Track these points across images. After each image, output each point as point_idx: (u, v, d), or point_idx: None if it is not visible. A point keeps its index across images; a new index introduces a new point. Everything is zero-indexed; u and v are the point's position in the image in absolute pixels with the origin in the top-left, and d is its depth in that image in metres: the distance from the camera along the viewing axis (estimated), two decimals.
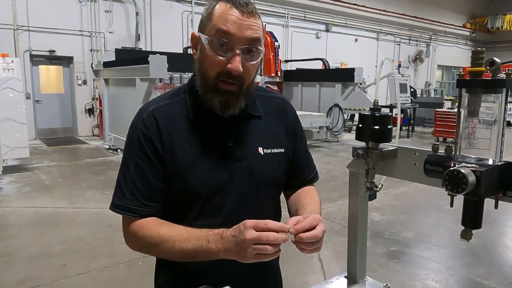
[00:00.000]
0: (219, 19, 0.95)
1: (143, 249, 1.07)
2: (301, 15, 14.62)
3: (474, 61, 0.75)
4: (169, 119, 1.05)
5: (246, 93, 1.03)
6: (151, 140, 1.03)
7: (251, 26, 0.95)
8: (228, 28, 0.93)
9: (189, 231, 0.98)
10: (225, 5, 0.96)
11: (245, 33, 0.94)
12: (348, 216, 1.16)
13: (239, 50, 0.95)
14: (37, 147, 9.27)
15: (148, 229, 1.02)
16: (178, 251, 0.97)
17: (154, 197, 1.04)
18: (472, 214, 0.79)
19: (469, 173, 0.72)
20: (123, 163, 1.08)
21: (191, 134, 1.05)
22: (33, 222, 4.42)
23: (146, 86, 7.03)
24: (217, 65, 0.97)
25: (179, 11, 12.03)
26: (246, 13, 0.95)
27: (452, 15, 21.01)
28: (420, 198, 5.46)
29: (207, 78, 1.00)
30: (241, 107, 1.03)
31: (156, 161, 1.03)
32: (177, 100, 1.09)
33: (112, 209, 1.07)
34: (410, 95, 12.38)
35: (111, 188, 1.09)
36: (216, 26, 0.95)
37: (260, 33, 0.98)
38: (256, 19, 0.97)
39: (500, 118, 0.77)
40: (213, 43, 0.95)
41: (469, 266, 3.49)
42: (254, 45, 0.97)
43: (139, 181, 1.03)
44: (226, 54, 0.95)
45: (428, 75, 20.75)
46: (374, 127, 0.97)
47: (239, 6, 0.95)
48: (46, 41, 9.95)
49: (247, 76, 1.00)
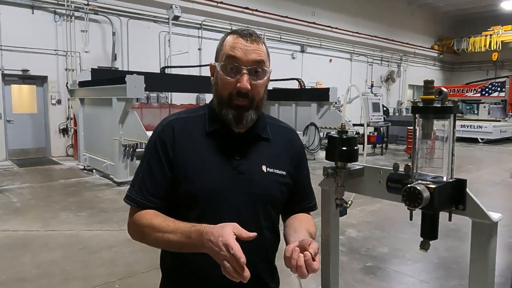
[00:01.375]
0: (228, 47, 1.14)
1: (139, 237, 1.18)
2: (277, 36, 14.98)
3: (425, 90, 0.85)
4: (185, 130, 1.21)
5: (256, 107, 1.18)
6: (165, 144, 1.18)
7: (255, 50, 1.13)
8: (235, 54, 1.12)
9: (176, 223, 1.09)
10: (233, 36, 1.15)
11: (249, 57, 1.12)
12: (320, 232, 1.23)
13: (246, 71, 1.12)
14: (8, 168, 8.99)
15: (145, 219, 1.15)
16: (166, 241, 1.09)
17: (157, 194, 1.18)
18: (429, 226, 0.88)
19: (424, 189, 0.81)
20: (141, 161, 1.25)
21: (203, 145, 1.20)
22: (5, 246, 4.27)
23: (123, 106, 7.00)
24: (229, 86, 1.14)
25: (156, 31, 12.11)
26: (250, 40, 1.14)
27: (421, 37, 22.00)
28: (394, 214, 5.60)
29: (222, 97, 1.17)
30: (252, 119, 1.18)
31: (165, 163, 1.18)
32: (196, 115, 1.25)
33: (124, 199, 1.23)
34: (383, 113, 12.76)
35: (86, 209, 1.16)
36: (226, 53, 1.14)
37: (264, 56, 1.16)
38: (260, 45, 1.15)
39: (450, 139, 0.86)
40: (225, 67, 1.14)
41: (441, 279, 3.61)
42: (259, 66, 1.14)
43: (147, 178, 1.19)
44: (236, 75, 1.13)
45: (400, 94, 21.48)
46: (341, 148, 1.05)
47: (244, 36, 1.14)
48: (19, 60, 9.78)
49: (256, 93, 1.15)
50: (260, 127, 1.24)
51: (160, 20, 12.10)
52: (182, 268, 1.21)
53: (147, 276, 3.49)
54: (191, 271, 1.19)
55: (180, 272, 1.22)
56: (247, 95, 1.13)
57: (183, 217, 1.14)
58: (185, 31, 12.73)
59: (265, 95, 1.20)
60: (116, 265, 3.76)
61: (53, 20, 10.34)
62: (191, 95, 12.26)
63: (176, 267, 1.23)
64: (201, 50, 13.05)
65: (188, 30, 12.84)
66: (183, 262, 1.19)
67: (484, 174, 9.05)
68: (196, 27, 13.00)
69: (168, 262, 1.27)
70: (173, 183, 1.17)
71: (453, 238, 4.37)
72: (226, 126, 1.19)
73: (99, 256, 3.97)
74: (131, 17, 11.62)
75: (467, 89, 18.00)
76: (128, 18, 11.56)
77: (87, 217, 5.24)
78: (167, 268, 1.28)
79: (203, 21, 12.98)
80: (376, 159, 11.09)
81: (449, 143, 0.86)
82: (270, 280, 1.28)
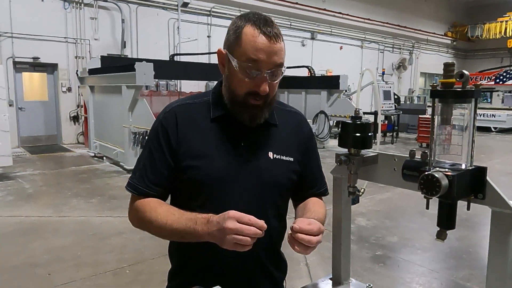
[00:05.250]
0: (249, 47, 1.04)
1: (141, 224, 1.16)
2: (287, 23, 14.78)
3: (445, 73, 0.81)
4: (188, 116, 1.17)
5: (269, 104, 1.15)
6: (167, 132, 1.15)
7: (277, 52, 1.05)
8: (258, 58, 1.04)
9: (181, 212, 1.08)
10: (253, 31, 1.04)
11: (271, 59, 1.05)
12: (332, 220, 1.20)
13: (266, 74, 1.06)
14: (20, 155, 9.11)
15: (148, 206, 1.13)
16: (170, 230, 1.07)
17: (158, 181, 1.16)
18: (446, 215, 0.84)
19: (442, 177, 0.77)
20: (143, 148, 1.23)
21: (208, 132, 1.16)
22: (17, 231, 4.34)
23: (132, 94, 7.01)
24: (246, 86, 1.08)
25: (166, 18, 12.04)
26: (273, 38, 1.04)
27: (433, 24, 21.53)
28: (404, 203, 5.56)
29: (236, 95, 1.11)
30: (265, 117, 1.15)
31: (167, 151, 1.15)
32: (200, 102, 1.21)
33: (125, 187, 1.22)
34: (394, 102, 12.60)
35: (96, 196, 1.15)
36: (246, 54, 1.04)
37: (284, 56, 1.09)
38: (280, 42, 1.07)
39: (470, 125, 0.82)
40: (243, 68, 1.06)
41: (451, 269, 3.58)
42: (278, 69, 1.08)
43: (148, 165, 1.16)
44: (255, 76, 1.06)
45: (411, 82, 21.16)
46: (355, 135, 1.02)
47: (267, 35, 1.04)
48: (30, 48, 9.84)
49: (271, 92, 1.11)
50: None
51: (169, 7, 12.02)
52: (190, 256, 1.20)
53: (156, 262, 3.52)
54: (199, 259, 1.18)
55: (188, 260, 1.21)
56: (264, 96, 1.10)
57: (187, 205, 1.13)
58: (194, 18, 12.64)
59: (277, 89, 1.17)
60: (126, 251, 3.79)
61: (63, 7, 10.34)
62: (200, 82, 12.22)
63: (184, 255, 1.22)
64: (210, 38, 12.96)
65: (197, 17, 12.74)
66: (191, 250, 1.18)
67: (496, 163, 8.91)
68: (205, 14, 12.89)
69: (177, 251, 1.26)
70: (175, 171, 1.15)
71: (464, 227, 4.32)
72: (231, 115, 1.16)
73: (109, 243, 4.01)
74: (140, 4, 11.57)
75: (481, 76, 17.63)
76: (137, 5, 11.51)
77: (98, 203, 5.29)
78: (175, 255, 1.27)
79: (212, 8, 12.87)
80: (386, 148, 10.99)
81: (469, 129, 0.82)
82: (275, 269, 1.27)
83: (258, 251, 1.14)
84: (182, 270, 1.24)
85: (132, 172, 1.21)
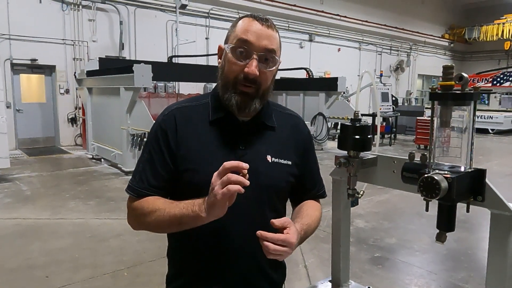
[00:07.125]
0: (241, 30, 1.10)
1: (140, 219, 1.15)
2: (284, 25, 14.81)
3: (445, 75, 0.81)
4: (187, 119, 1.18)
5: (262, 96, 1.14)
6: (166, 134, 1.15)
7: (268, 37, 1.09)
8: (248, 37, 1.07)
9: (179, 201, 1.08)
10: (248, 19, 1.12)
11: (262, 42, 1.08)
12: (331, 222, 1.20)
13: (256, 56, 1.07)
14: (17, 157, 9.07)
15: (145, 201, 1.14)
16: (168, 218, 1.07)
17: (158, 184, 1.16)
18: (446, 218, 0.84)
19: (442, 179, 0.77)
20: (142, 151, 1.23)
21: (206, 134, 1.16)
22: (15, 233, 4.32)
23: (130, 95, 7.00)
24: (237, 69, 1.09)
25: (164, 20, 12.04)
26: (265, 25, 1.10)
27: (431, 26, 21.62)
28: (402, 205, 5.56)
29: (228, 80, 1.12)
30: (256, 108, 1.14)
31: (166, 153, 1.15)
32: (199, 104, 1.22)
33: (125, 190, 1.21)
34: (392, 103, 12.62)
35: (95, 198, 1.15)
36: (238, 35, 1.09)
37: (276, 45, 1.11)
38: (274, 32, 1.12)
39: (469, 128, 0.83)
40: (234, 50, 1.09)
41: (450, 270, 3.58)
42: (269, 55, 1.09)
43: (148, 168, 1.17)
44: (245, 60, 1.08)
45: (409, 84, 21.22)
46: (354, 137, 1.02)
47: (260, 20, 1.10)
48: (27, 49, 9.81)
49: (263, 81, 1.11)
50: (265, 115, 1.20)
51: (167, 9, 12.02)
52: (188, 259, 1.20)
53: (154, 264, 3.51)
54: (197, 262, 1.18)
55: (187, 263, 1.21)
56: (254, 81, 1.09)
57: None
58: (192, 20, 12.64)
59: (272, 85, 1.16)
60: (124, 254, 3.78)
61: (61, 9, 10.32)
62: (198, 84, 12.21)
63: (182, 258, 1.22)
64: (208, 39, 12.97)
65: (195, 19, 12.75)
66: (190, 254, 1.18)
67: (494, 165, 8.93)
68: (204, 16, 12.90)
69: (175, 254, 1.26)
70: (175, 173, 1.15)
71: (462, 229, 4.32)
72: (230, 115, 1.15)
73: (108, 245, 4.00)
74: (138, 6, 11.56)
75: (478, 78, 17.70)
76: (135, 7, 11.51)
77: (96, 205, 5.27)
78: (174, 258, 1.26)
79: (210, 10, 12.88)
80: (384, 150, 11.00)
81: (468, 132, 0.82)
82: (273, 272, 1.26)
83: (257, 254, 1.13)
84: (181, 273, 1.23)
85: (132, 175, 1.21)
